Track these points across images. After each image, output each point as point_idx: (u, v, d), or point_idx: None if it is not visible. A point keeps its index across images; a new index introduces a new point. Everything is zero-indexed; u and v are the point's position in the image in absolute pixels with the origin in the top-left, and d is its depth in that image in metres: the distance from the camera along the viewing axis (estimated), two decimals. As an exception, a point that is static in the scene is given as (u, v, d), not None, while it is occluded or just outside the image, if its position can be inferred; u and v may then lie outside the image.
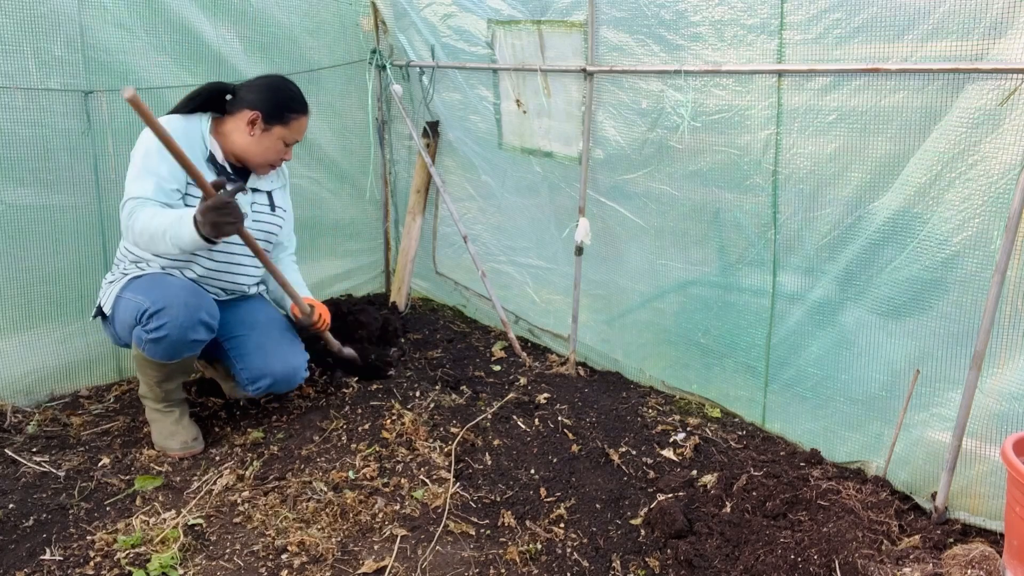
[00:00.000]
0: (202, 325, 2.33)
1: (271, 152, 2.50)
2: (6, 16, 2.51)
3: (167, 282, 2.36)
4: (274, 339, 2.61)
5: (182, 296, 2.30)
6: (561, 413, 2.72)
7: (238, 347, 2.56)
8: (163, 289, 2.32)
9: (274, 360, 2.55)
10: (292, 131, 2.51)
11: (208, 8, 3.01)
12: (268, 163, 2.54)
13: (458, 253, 3.82)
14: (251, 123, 2.44)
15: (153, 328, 2.27)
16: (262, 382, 2.53)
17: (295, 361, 2.61)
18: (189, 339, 2.31)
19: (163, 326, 2.26)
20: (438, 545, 2.07)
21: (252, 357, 2.54)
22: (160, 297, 2.28)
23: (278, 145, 2.50)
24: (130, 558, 1.95)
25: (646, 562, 2.06)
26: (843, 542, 1.98)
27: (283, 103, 2.48)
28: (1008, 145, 1.91)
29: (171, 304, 2.27)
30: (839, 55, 2.18)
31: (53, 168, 2.70)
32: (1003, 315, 2.01)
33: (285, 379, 2.58)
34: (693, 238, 2.75)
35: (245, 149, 2.48)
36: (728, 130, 2.50)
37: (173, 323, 2.27)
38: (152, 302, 2.28)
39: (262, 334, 2.60)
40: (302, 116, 2.53)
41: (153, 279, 2.38)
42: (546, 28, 2.94)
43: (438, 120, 3.67)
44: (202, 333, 2.35)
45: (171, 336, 2.28)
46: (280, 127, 2.48)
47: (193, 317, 2.30)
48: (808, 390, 2.56)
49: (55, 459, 2.41)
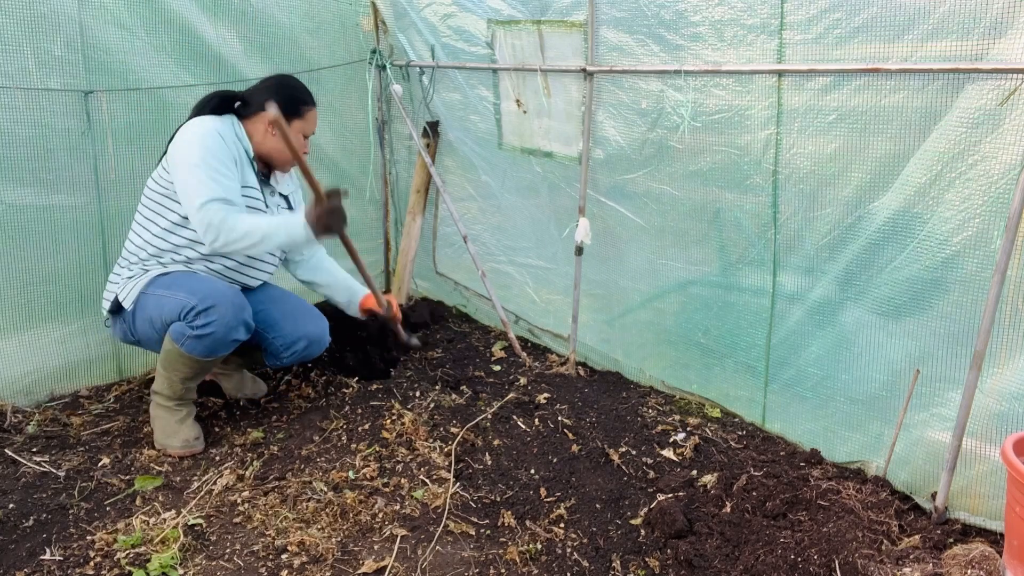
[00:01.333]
0: (243, 325, 2.41)
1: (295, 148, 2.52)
2: (6, 16, 2.51)
3: (208, 280, 2.44)
4: (296, 307, 2.74)
5: (229, 296, 2.38)
6: (561, 413, 2.72)
7: (266, 319, 2.63)
8: (209, 287, 2.39)
9: (306, 323, 2.68)
10: (308, 123, 2.58)
11: (208, 8, 3.01)
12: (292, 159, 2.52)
13: (458, 253, 3.82)
14: (272, 123, 2.46)
15: (201, 324, 2.33)
16: (298, 344, 2.64)
17: (323, 323, 2.75)
18: (231, 338, 2.39)
19: (211, 323, 2.32)
20: (438, 545, 2.07)
21: (282, 324, 2.64)
22: (208, 295, 2.35)
23: (299, 140, 2.55)
24: (130, 558, 1.95)
25: (646, 562, 2.06)
26: (843, 542, 1.98)
27: (297, 97, 2.54)
28: (1008, 145, 1.91)
29: (220, 303, 2.34)
30: (839, 55, 2.18)
31: (53, 168, 2.70)
32: (1003, 315, 2.01)
33: (318, 340, 2.70)
34: (693, 238, 2.75)
35: (271, 149, 2.54)
36: (728, 130, 2.50)
37: (221, 321, 2.33)
38: (200, 299, 2.34)
39: (284, 304, 2.72)
40: (312, 107, 2.60)
41: (190, 277, 2.43)
42: (546, 28, 2.94)
43: (438, 120, 3.66)
44: (242, 333, 2.42)
45: (217, 334, 2.34)
46: (298, 121, 2.54)
47: (239, 317, 2.38)
48: (808, 390, 2.56)
49: (55, 459, 2.41)
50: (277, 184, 2.68)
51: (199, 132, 2.36)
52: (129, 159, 2.85)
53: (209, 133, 2.37)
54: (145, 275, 2.44)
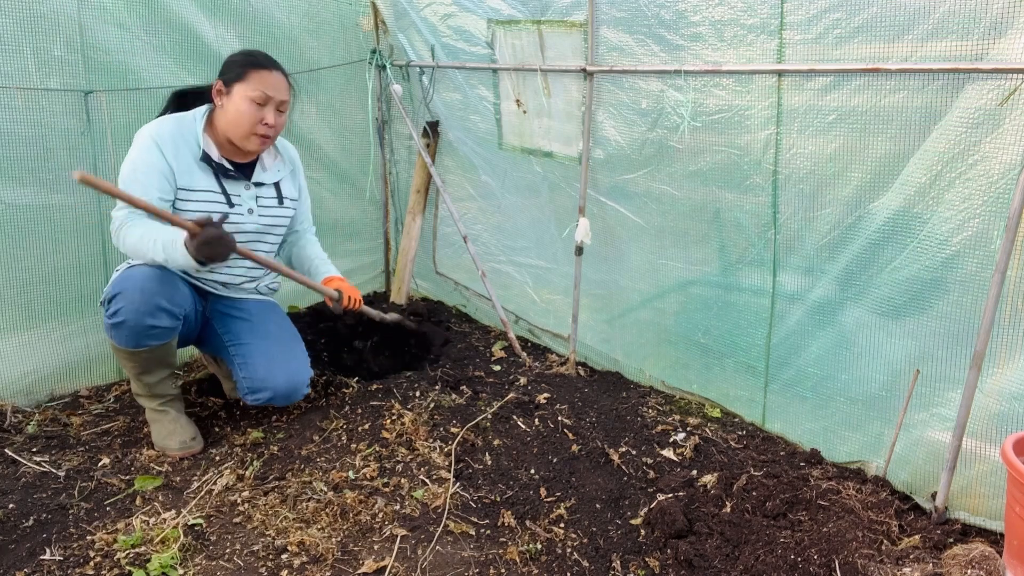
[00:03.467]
0: (161, 311, 2.30)
1: (244, 117, 2.36)
2: (6, 16, 2.51)
3: (136, 270, 2.33)
4: (281, 351, 2.58)
5: (140, 282, 2.28)
6: (561, 413, 2.71)
7: (243, 355, 2.53)
8: (127, 276, 2.31)
9: (278, 373, 2.51)
10: (253, 84, 2.34)
11: (208, 8, 3.01)
12: (247, 131, 2.38)
13: (458, 253, 3.82)
14: (217, 94, 2.40)
15: (111, 313, 2.29)
16: (262, 394, 2.51)
17: (298, 378, 2.57)
18: (146, 324, 2.28)
19: (120, 311, 2.27)
20: (438, 545, 2.07)
21: (256, 367, 2.51)
22: (119, 282, 2.30)
23: (247, 106, 2.34)
24: (130, 558, 1.95)
25: (646, 562, 2.06)
26: (843, 542, 1.98)
27: (237, 61, 2.40)
28: (1008, 145, 1.91)
29: (127, 289, 2.27)
30: (839, 55, 2.18)
31: (53, 168, 2.70)
32: (1003, 315, 2.01)
33: (286, 394, 2.54)
34: (693, 238, 2.75)
35: (223, 126, 2.39)
36: (728, 130, 2.50)
37: (128, 307, 2.26)
38: (112, 287, 2.31)
39: (271, 345, 2.56)
40: (262, 69, 2.37)
41: (132, 268, 2.36)
42: (546, 28, 2.94)
43: (438, 120, 3.66)
44: (162, 319, 2.31)
45: (128, 321, 2.27)
46: (239, 84, 2.35)
47: (150, 302, 2.27)
48: (808, 390, 2.56)
49: (55, 459, 2.41)
50: (264, 172, 2.56)
51: (135, 143, 2.34)
52: (128, 159, 2.85)
53: (142, 145, 2.32)
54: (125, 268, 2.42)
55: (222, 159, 2.46)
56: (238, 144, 2.44)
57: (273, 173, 2.60)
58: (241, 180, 2.51)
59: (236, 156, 2.50)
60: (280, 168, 2.64)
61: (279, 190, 2.62)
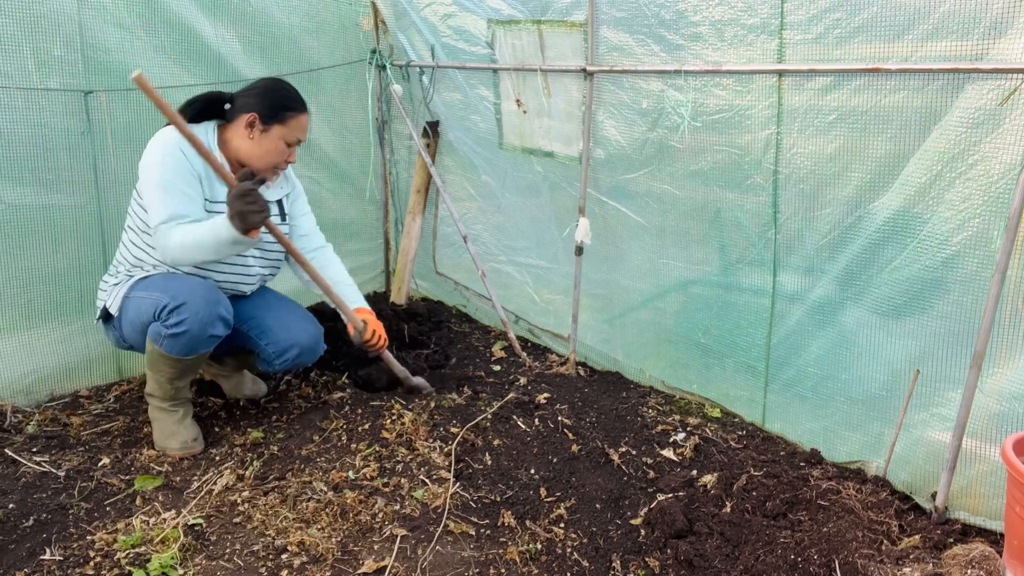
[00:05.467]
0: (220, 320, 2.37)
1: (273, 154, 2.48)
2: (6, 16, 2.51)
3: (183, 278, 2.39)
4: (291, 313, 2.68)
5: (201, 291, 2.34)
6: (561, 413, 2.71)
7: (258, 326, 2.60)
8: (181, 285, 2.35)
9: (298, 331, 2.61)
10: (291, 129, 2.48)
11: (208, 8, 3.01)
12: (271, 166, 2.51)
13: (458, 253, 3.82)
14: (249, 125, 2.43)
15: (174, 323, 2.30)
16: (290, 352, 2.58)
17: (316, 330, 2.67)
18: (208, 334, 2.35)
19: (184, 321, 2.29)
20: (438, 545, 2.07)
21: (275, 331, 2.59)
22: (180, 292, 2.32)
23: (279, 146, 2.48)
24: (130, 558, 1.95)
25: (646, 562, 2.06)
26: (843, 542, 1.98)
27: (279, 102, 2.46)
28: (1008, 145, 1.91)
29: (191, 299, 2.30)
30: (839, 55, 2.18)
31: (53, 168, 2.70)
32: (1003, 315, 2.01)
33: (311, 348, 2.63)
34: (694, 237, 2.75)
35: (247, 153, 2.46)
36: (729, 130, 2.50)
37: (194, 318, 2.29)
38: (172, 297, 2.31)
39: (279, 310, 2.66)
40: (300, 114, 2.50)
41: (167, 277, 2.40)
42: (546, 28, 2.93)
43: (438, 120, 3.66)
44: (220, 328, 2.38)
45: (191, 331, 2.30)
46: (278, 126, 2.46)
47: (213, 312, 2.33)
48: (808, 390, 2.56)
49: (55, 459, 2.41)
50: (267, 190, 2.60)
51: (161, 150, 2.32)
52: (129, 159, 2.84)
53: (170, 151, 2.32)
54: (129, 280, 2.43)
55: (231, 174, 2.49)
56: (254, 171, 2.50)
57: (276, 191, 2.66)
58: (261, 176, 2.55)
59: None
60: (283, 185, 2.70)
61: (281, 207, 2.69)
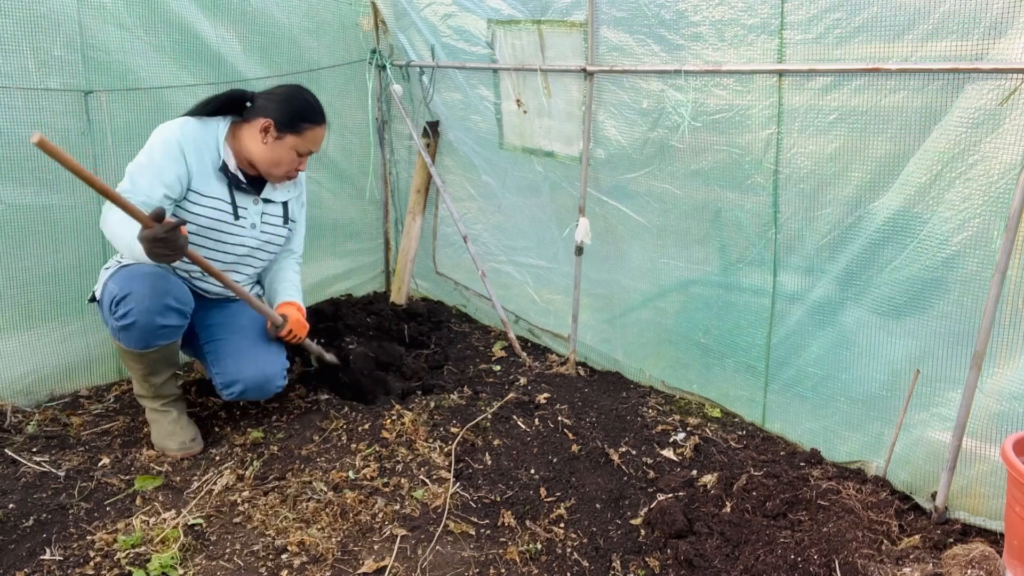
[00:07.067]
0: (170, 310, 2.31)
1: (283, 162, 2.49)
2: (6, 16, 2.51)
3: (137, 270, 2.32)
4: (252, 344, 2.57)
5: (148, 281, 2.28)
6: (561, 413, 2.71)
7: (215, 351, 2.55)
8: (130, 275, 2.31)
9: (247, 366, 2.51)
10: (305, 141, 2.48)
11: (208, 8, 3.01)
12: (281, 173, 2.52)
13: (458, 253, 3.82)
14: (264, 130, 2.43)
15: (121, 315, 2.27)
16: (234, 388, 2.51)
17: (270, 369, 2.55)
18: (157, 324, 2.29)
19: (129, 312, 2.26)
20: (438, 545, 2.07)
21: (227, 362, 2.52)
22: (127, 283, 2.28)
23: (290, 155, 2.48)
24: (130, 558, 1.95)
25: (646, 562, 2.06)
26: (843, 542, 1.98)
27: (297, 112, 2.46)
28: (1008, 145, 1.91)
29: (136, 289, 2.26)
30: (839, 55, 2.18)
31: (53, 168, 2.69)
32: (1003, 315, 2.01)
33: (256, 386, 2.53)
34: (694, 237, 2.75)
35: (257, 156, 2.47)
36: (729, 130, 2.50)
37: (139, 308, 2.26)
38: (120, 288, 2.28)
39: (241, 339, 2.57)
40: (317, 127, 2.50)
41: (129, 268, 2.35)
42: (546, 28, 2.93)
43: (438, 120, 3.66)
44: (172, 318, 2.32)
45: (139, 322, 2.27)
46: (293, 136, 2.45)
47: (159, 302, 2.28)
48: (808, 390, 2.56)
49: (55, 459, 2.41)
50: (275, 191, 2.61)
51: (160, 139, 2.35)
52: (129, 159, 2.80)
53: (163, 140, 2.34)
54: (116, 267, 2.41)
55: (237, 171, 2.50)
56: (265, 176, 2.54)
57: (282, 192, 2.65)
58: (251, 194, 2.55)
59: (251, 170, 2.54)
60: (290, 189, 2.69)
61: (286, 210, 2.68)
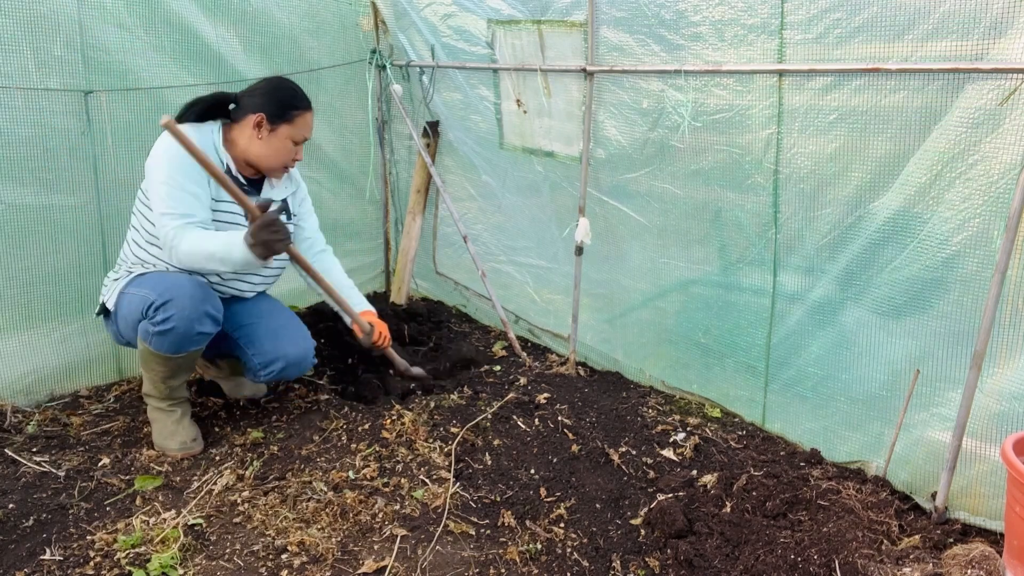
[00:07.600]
0: (208, 317, 2.36)
1: (282, 153, 2.50)
2: (6, 16, 2.51)
3: (172, 277, 2.38)
4: (283, 324, 2.65)
5: (188, 288, 2.33)
6: (561, 413, 2.71)
7: (248, 334, 2.58)
8: (169, 282, 2.34)
9: (286, 343, 2.58)
10: (298, 128, 2.50)
11: (208, 8, 3.01)
12: (281, 165, 2.53)
13: (458, 253, 3.82)
14: (257, 125, 2.44)
15: (160, 320, 2.29)
16: (275, 365, 2.56)
17: (305, 344, 2.64)
18: (195, 331, 2.34)
19: (170, 318, 2.28)
20: (438, 545, 2.07)
21: (263, 342, 2.57)
22: (166, 290, 2.31)
23: (287, 145, 2.50)
24: (130, 558, 1.95)
25: (646, 562, 2.06)
26: (843, 542, 1.98)
27: (285, 101, 2.48)
28: (1008, 145, 1.91)
29: (177, 296, 2.30)
30: (839, 55, 2.18)
31: (53, 168, 2.70)
32: (1003, 315, 2.01)
33: (297, 362, 2.60)
34: (694, 237, 2.75)
35: (257, 154, 2.47)
36: (729, 130, 2.50)
37: (180, 315, 2.29)
38: (159, 295, 2.30)
39: (271, 320, 2.64)
40: (306, 112, 2.52)
41: (159, 275, 2.40)
42: (546, 28, 2.93)
43: (438, 120, 3.66)
44: (208, 325, 2.37)
45: (178, 328, 2.30)
46: (286, 125, 2.47)
47: (199, 309, 2.32)
48: (808, 390, 2.56)
49: (55, 459, 2.41)
50: (272, 189, 2.61)
51: (169, 147, 2.31)
52: (129, 159, 2.85)
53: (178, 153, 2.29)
54: (128, 276, 2.43)
55: (238, 174, 2.52)
56: (266, 172, 2.56)
57: (281, 190, 2.66)
58: (253, 195, 2.56)
59: (247, 171, 2.55)
60: (287, 185, 2.70)
61: (287, 206, 2.68)
